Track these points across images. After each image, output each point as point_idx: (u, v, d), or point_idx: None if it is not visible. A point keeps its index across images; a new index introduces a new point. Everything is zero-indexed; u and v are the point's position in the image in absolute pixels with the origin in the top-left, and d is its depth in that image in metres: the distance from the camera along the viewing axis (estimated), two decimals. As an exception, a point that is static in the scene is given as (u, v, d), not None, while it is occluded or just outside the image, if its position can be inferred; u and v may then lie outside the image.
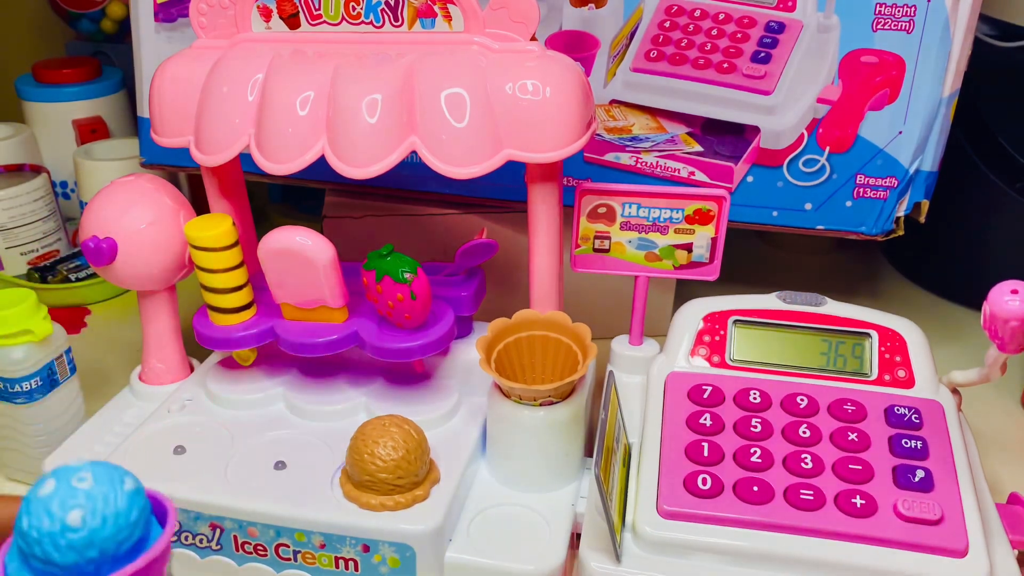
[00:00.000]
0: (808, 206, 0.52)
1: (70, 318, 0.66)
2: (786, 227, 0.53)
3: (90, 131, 0.77)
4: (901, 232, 0.52)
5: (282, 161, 0.40)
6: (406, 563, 0.37)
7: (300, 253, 0.41)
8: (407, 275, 0.40)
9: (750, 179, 0.52)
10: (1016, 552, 0.37)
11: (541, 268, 0.44)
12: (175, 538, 0.40)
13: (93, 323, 0.66)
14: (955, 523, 0.36)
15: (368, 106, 0.39)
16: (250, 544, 0.39)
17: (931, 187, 0.51)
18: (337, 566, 0.39)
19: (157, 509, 0.26)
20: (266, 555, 0.39)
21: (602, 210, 0.45)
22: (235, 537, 0.39)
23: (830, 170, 0.51)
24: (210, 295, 0.44)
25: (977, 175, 0.62)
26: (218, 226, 0.43)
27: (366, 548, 0.38)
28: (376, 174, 0.39)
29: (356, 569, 0.38)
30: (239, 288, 0.44)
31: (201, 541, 0.40)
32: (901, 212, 0.51)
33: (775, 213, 0.52)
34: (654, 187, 0.44)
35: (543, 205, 0.42)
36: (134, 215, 0.45)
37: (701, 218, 0.44)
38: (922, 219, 0.52)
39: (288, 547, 0.39)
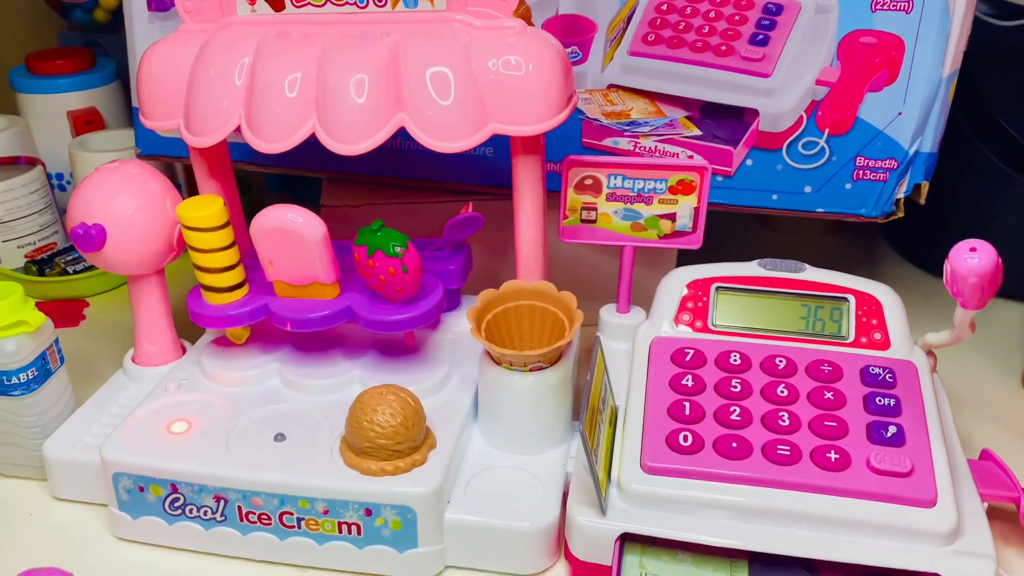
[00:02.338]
0: (808, 189, 0.55)
1: (69, 311, 0.69)
2: (786, 210, 0.56)
3: (85, 122, 0.80)
4: (901, 214, 0.55)
5: (273, 140, 0.43)
6: (407, 525, 0.42)
7: (292, 230, 0.45)
8: (398, 249, 0.44)
9: (749, 163, 0.55)
10: (986, 504, 0.42)
11: (526, 239, 0.48)
12: (179, 511, 0.45)
13: (92, 315, 0.69)
14: (925, 475, 0.41)
15: (356, 85, 0.43)
16: (254, 514, 0.44)
17: (931, 168, 0.54)
18: (340, 531, 0.43)
19: None
20: (270, 524, 0.44)
21: (588, 182, 0.49)
22: (239, 508, 0.44)
23: (829, 152, 0.54)
24: (203, 275, 0.48)
25: (977, 156, 0.66)
26: (210, 206, 0.47)
27: (368, 512, 0.42)
28: (366, 150, 0.43)
29: (359, 533, 0.43)
30: (231, 267, 0.48)
31: (206, 513, 0.44)
32: (901, 194, 0.54)
33: (775, 196, 0.55)
34: (638, 159, 0.48)
35: (527, 178, 0.46)
36: (121, 201, 0.48)
37: (684, 188, 0.48)
38: (922, 201, 0.55)
39: (292, 515, 0.43)
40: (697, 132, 0.55)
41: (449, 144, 0.43)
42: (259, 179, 0.84)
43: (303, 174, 0.62)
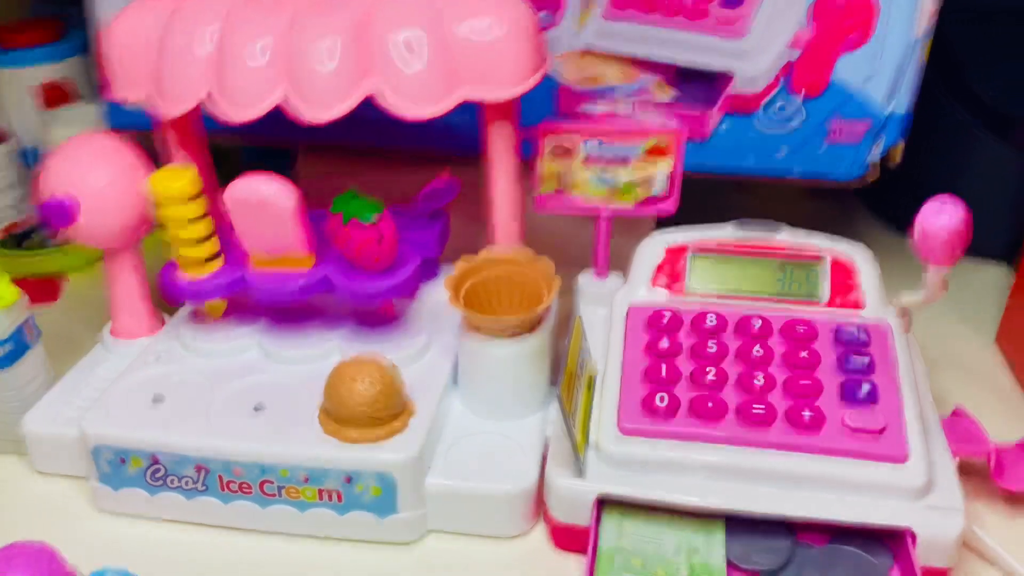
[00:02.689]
0: (782, 152, 0.55)
1: (46, 286, 0.69)
2: (761, 174, 0.56)
3: (55, 95, 0.78)
4: (876, 176, 0.55)
5: (244, 107, 0.43)
6: (388, 491, 0.43)
7: (265, 200, 0.45)
8: (373, 217, 0.44)
9: (724, 126, 0.55)
10: (957, 460, 0.43)
11: (502, 207, 0.48)
12: (161, 482, 0.45)
13: (70, 290, 0.69)
14: (896, 432, 0.41)
15: (326, 51, 0.43)
16: (235, 483, 0.44)
17: (905, 129, 0.55)
18: (321, 498, 0.43)
19: None
20: (251, 493, 0.44)
21: (563, 148, 0.49)
22: (220, 477, 0.44)
23: (804, 115, 0.54)
24: (177, 247, 0.48)
25: (951, 117, 0.66)
26: (181, 177, 0.46)
27: (348, 479, 0.43)
28: (336, 117, 0.42)
29: (340, 500, 0.43)
30: (206, 239, 0.48)
31: (187, 484, 0.45)
32: (875, 155, 0.55)
33: (749, 161, 0.56)
34: (613, 124, 0.48)
35: (500, 145, 0.46)
36: (94, 173, 0.48)
37: (659, 153, 0.48)
38: (896, 161, 0.55)
39: (272, 483, 0.44)
40: (671, 96, 0.55)
41: (420, 110, 0.42)
42: (234, 150, 0.83)
43: (278, 144, 0.62)
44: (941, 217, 0.38)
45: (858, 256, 0.48)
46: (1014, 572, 0.42)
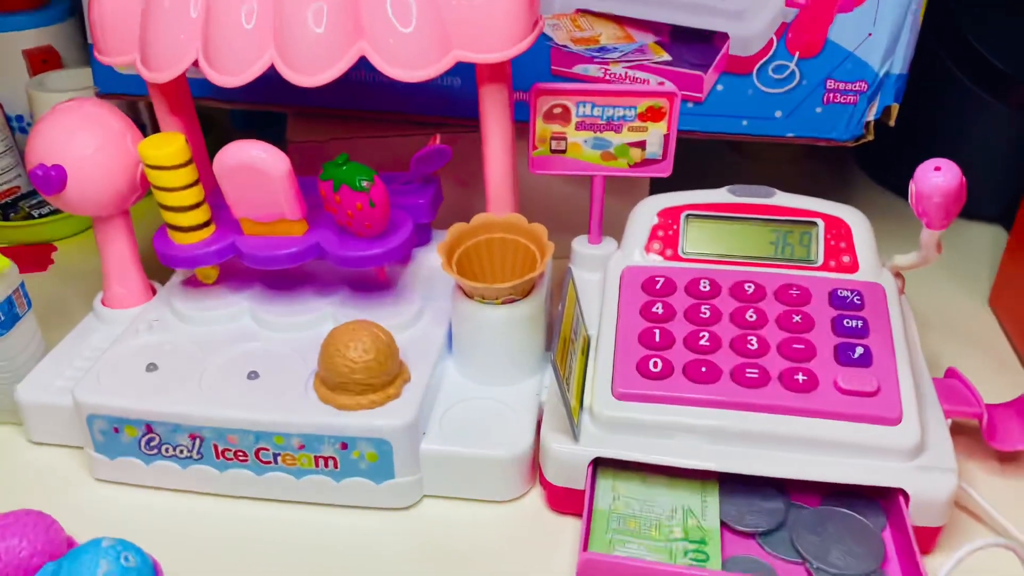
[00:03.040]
0: (778, 114, 0.55)
1: (36, 255, 0.68)
2: (756, 136, 0.56)
3: (41, 61, 0.77)
4: (871, 137, 0.55)
5: (231, 73, 0.42)
6: (383, 457, 0.43)
7: (255, 166, 0.45)
8: (364, 183, 0.44)
9: (720, 88, 0.55)
10: (950, 421, 0.43)
11: (495, 171, 0.47)
12: (156, 451, 0.45)
13: (60, 259, 0.68)
14: (890, 394, 0.42)
15: (314, 14, 0.42)
16: (230, 451, 0.44)
17: (901, 90, 0.54)
18: (317, 465, 0.44)
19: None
20: (247, 460, 0.44)
21: (557, 110, 0.48)
22: (215, 445, 0.44)
23: (800, 76, 0.53)
24: (168, 214, 0.48)
25: (948, 77, 0.66)
26: (172, 144, 0.46)
27: (344, 446, 0.43)
28: (326, 81, 0.42)
29: (335, 467, 0.43)
30: (196, 206, 0.48)
31: (182, 452, 0.45)
32: (871, 116, 0.54)
33: (745, 122, 0.55)
34: (607, 85, 0.48)
35: (494, 108, 0.45)
36: (81, 140, 0.47)
37: (653, 115, 0.48)
38: (892, 123, 0.55)
39: (268, 451, 0.44)
40: (667, 57, 0.54)
41: (411, 73, 0.42)
42: (224, 116, 0.82)
43: (268, 109, 0.61)
44: (936, 178, 0.38)
45: (852, 219, 0.48)
46: (1005, 531, 0.42)
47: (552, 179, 0.61)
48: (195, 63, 0.44)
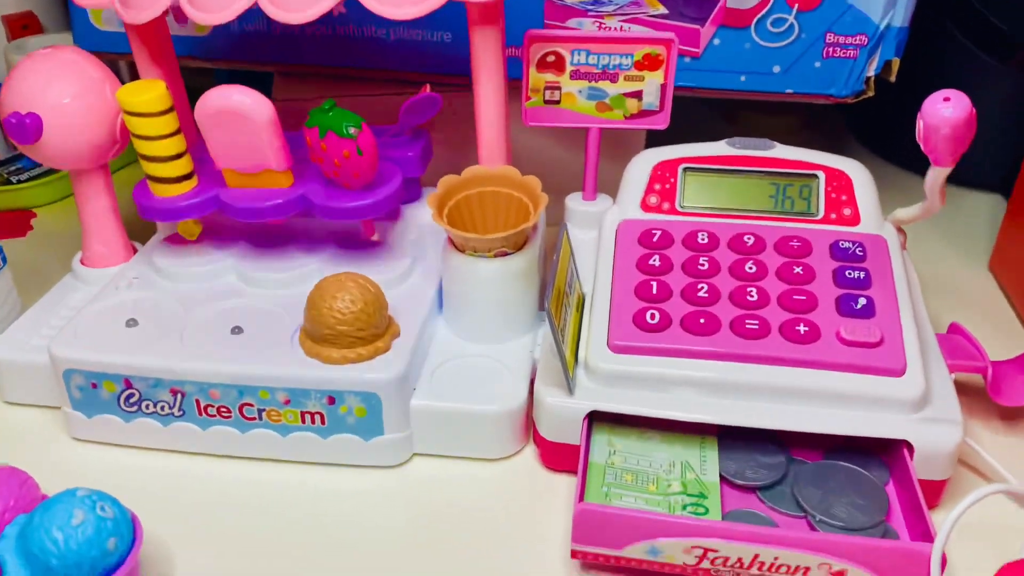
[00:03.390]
0: (776, 69, 0.53)
1: (15, 221, 0.67)
2: (754, 92, 0.54)
3: (21, 27, 0.76)
4: (871, 93, 0.54)
5: (212, 11, 0.41)
6: (372, 411, 0.41)
7: (238, 112, 0.43)
8: (351, 130, 0.42)
9: (717, 42, 0.53)
10: (953, 376, 0.42)
11: (487, 122, 0.46)
12: (135, 408, 0.43)
13: (39, 225, 0.67)
14: (894, 345, 0.41)
15: (300, -49, 0.40)
16: (213, 407, 0.43)
17: (902, 44, 0.53)
18: (303, 421, 0.42)
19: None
20: (230, 417, 0.43)
21: (551, 59, 0.47)
22: (197, 401, 0.43)
23: (799, 29, 0.52)
24: (149, 165, 0.46)
25: (950, 41, 0.64)
26: (152, 90, 0.44)
27: (331, 400, 0.41)
28: (312, 18, 0.40)
29: (322, 422, 0.42)
30: (178, 156, 0.46)
31: (163, 409, 0.43)
32: (871, 72, 0.53)
33: (743, 78, 0.54)
34: (602, 32, 0.46)
35: (485, 54, 0.44)
36: (58, 88, 0.46)
37: (650, 63, 0.46)
38: (892, 78, 0.54)
39: (252, 407, 0.42)
40: (663, 10, 0.53)
41: (400, 10, 0.40)
42: (207, 75, 0.80)
43: (253, 68, 0.60)
44: (945, 110, 0.37)
45: (853, 172, 0.47)
46: (1009, 486, 0.41)
47: (545, 143, 0.60)
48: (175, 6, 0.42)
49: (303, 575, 0.38)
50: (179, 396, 0.43)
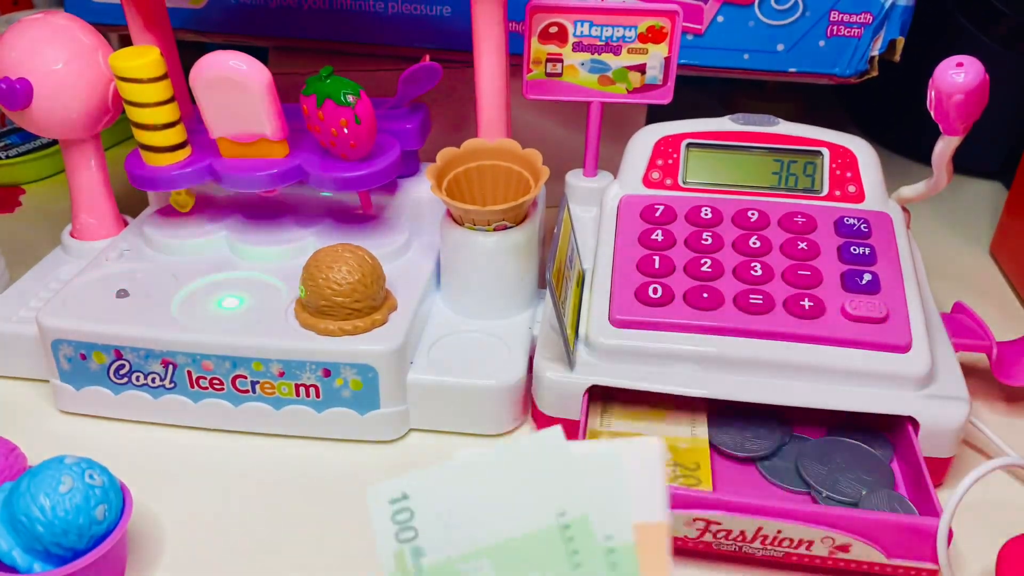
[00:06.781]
0: (780, 47, 0.53)
1: (4, 197, 0.66)
2: (757, 70, 0.53)
3: (12, 2, 0.75)
4: (875, 73, 0.53)
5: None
6: (368, 384, 0.40)
7: (234, 78, 0.42)
8: (349, 98, 0.42)
9: (720, 19, 0.53)
10: (958, 354, 0.42)
11: (487, 94, 0.45)
12: (125, 379, 0.42)
13: (28, 202, 0.66)
14: (899, 321, 0.40)
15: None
16: (205, 379, 0.42)
17: (907, 23, 0.52)
18: (298, 394, 0.41)
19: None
20: (223, 389, 0.42)
21: (553, 30, 0.46)
22: (189, 373, 0.42)
23: (803, 7, 0.52)
24: (141, 133, 0.45)
25: (956, 29, 0.64)
26: (146, 55, 0.43)
27: (327, 372, 0.40)
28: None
29: (317, 396, 0.41)
30: (171, 124, 0.45)
31: (154, 380, 0.42)
32: (876, 51, 0.53)
33: (746, 56, 0.53)
34: (606, 4, 0.45)
35: (487, 24, 0.43)
36: (49, 54, 0.45)
37: (654, 36, 0.46)
38: (897, 58, 0.53)
39: (245, 379, 0.41)
40: (667, -15, 0.52)
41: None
42: (202, 51, 0.79)
43: (249, 42, 0.59)
44: (958, 76, 0.36)
45: (858, 148, 0.46)
46: (1014, 465, 0.41)
47: (546, 122, 0.59)
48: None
49: (294, 551, 0.37)
50: (171, 367, 0.42)
